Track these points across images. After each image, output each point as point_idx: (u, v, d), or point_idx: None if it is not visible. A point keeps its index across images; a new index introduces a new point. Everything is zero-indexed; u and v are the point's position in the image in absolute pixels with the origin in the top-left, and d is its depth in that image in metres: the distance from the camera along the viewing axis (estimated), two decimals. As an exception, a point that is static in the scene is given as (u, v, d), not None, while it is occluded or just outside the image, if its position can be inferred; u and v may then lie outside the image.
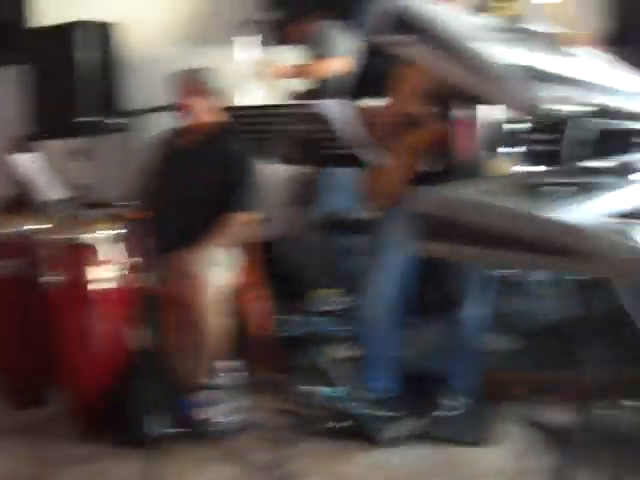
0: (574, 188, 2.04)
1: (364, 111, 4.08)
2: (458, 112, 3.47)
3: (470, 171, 3.97)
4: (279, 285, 6.52)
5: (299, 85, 6.69)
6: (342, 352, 5.04)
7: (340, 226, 6.20)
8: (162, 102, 5.49)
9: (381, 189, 4.06)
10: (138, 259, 4.33)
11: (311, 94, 6.65)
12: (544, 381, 4.40)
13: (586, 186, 2.10)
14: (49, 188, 5.47)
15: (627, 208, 1.88)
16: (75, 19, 6.94)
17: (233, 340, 4.81)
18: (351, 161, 3.99)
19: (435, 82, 3.24)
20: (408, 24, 2.02)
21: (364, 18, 7.00)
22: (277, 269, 7.11)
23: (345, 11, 7.07)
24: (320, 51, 6.41)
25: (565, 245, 1.57)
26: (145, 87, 6.06)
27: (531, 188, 2.00)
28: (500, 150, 5.32)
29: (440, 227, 1.76)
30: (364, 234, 5.33)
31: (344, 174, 6.12)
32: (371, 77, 3.27)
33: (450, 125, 3.69)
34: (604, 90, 2.52)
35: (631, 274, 1.54)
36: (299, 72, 6.61)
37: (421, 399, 4.54)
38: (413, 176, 3.92)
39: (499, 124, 3.44)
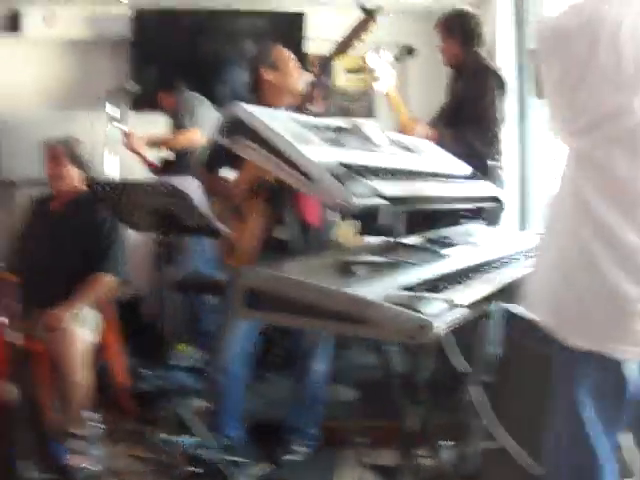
0: (383, 264, 2.46)
1: (217, 182, 4.37)
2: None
3: (317, 239, 4.29)
4: (141, 340, 6.77)
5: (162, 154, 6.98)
6: (198, 403, 5.24)
7: (199, 286, 6.49)
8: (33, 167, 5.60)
9: (234, 253, 4.22)
10: (9, 317, 4.32)
11: (170, 165, 6.96)
12: (377, 428, 4.70)
13: (394, 262, 2.52)
14: None
15: (426, 279, 2.28)
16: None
17: (96, 392, 4.96)
18: (207, 231, 4.17)
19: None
20: (241, 128, 2.40)
21: (224, 90, 7.40)
22: (139, 325, 7.37)
23: (208, 83, 7.46)
24: (182, 121, 6.72)
25: (359, 315, 1.96)
26: (18, 151, 6.11)
27: (346, 265, 2.33)
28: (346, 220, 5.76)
29: (264, 299, 2.13)
30: (220, 294, 5.57)
31: (204, 239, 6.45)
32: (224, 151, 3.54)
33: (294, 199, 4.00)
34: (423, 177, 2.95)
35: (413, 338, 1.93)
36: (160, 143, 6.90)
37: (271, 445, 4.74)
38: (263, 242, 4.10)
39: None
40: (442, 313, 1.96)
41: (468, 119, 5.14)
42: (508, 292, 2.68)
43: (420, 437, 3.28)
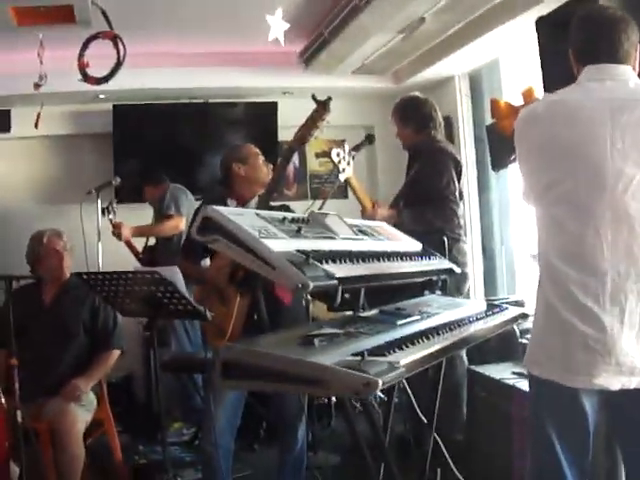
0: (339, 335, 2.86)
1: (196, 270, 4.70)
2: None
3: (291, 315, 4.58)
4: (134, 418, 7.08)
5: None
6: (189, 475, 5.54)
7: (187, 366, 6.69)
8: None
9: (219, 334, 4.36)
10: (13, 398, 4.46)
11: (153, 250, 7.31)
12: None
13: (349, 333, 2.92)
14: None
15: (375, 346, 2.67)
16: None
17: (92, 467, 5.24)
18: (191, 314, 4.44)
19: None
20: (212, 225, 2.81)
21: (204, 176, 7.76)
22: (133, 403, 7.68)
23: (187, 170, 7.83)
24: (167, 210, 7.07)
25: (316, 377, 2.36)
26: (9, 242, 6.36)
27: (307, 338, 2.73)
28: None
29: (239, 370, 2.51)
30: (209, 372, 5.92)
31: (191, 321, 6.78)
32: (199, 244, 3.83)
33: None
34: (377, 257, 3.33)
35: (359, 394, 2.32)
36: (147, 232, 7.27)
37: None
38: (244, 321, 4.30)
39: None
40: (383, 373, 2.34)
41: (426, 199, 5.46)
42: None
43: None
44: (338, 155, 5.04)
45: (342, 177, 5.09)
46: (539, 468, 2.91)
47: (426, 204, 5.47)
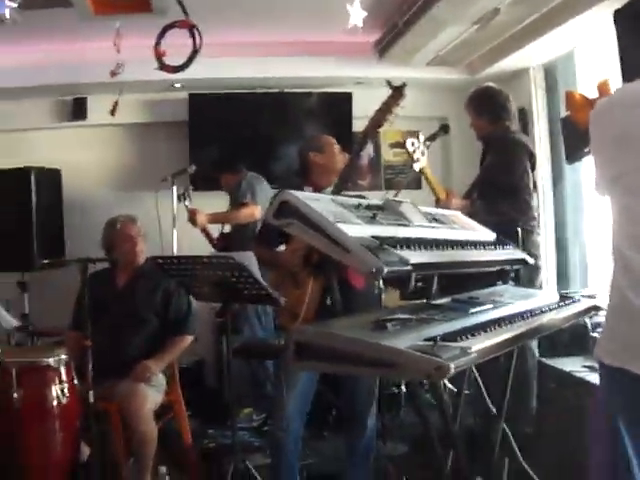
0: (412, 320, 2.88)
1: (271, 255, 4.70)
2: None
3: (363, 302, 4.59)
4: (205, 403, 7.15)
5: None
6: (257, 460, 5.55)
7: (258, 352, 6.77)
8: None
9: (293, 318, 4.42)
10: (87, 378, 4.57)
11: (228, 237, 7.38)
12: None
13: (421, 319, 2.94)
14: (3, 317, 5.93)
15: (447, 332, 2.68)
16: (25, 164, 7.53)
17: (163, 449, 5.30)
18: (264, 299, 4.50)
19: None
20: (289, 210, 2.85)
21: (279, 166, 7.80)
22: (203, 389, 7.76)
23: (263, 160, 7.86)
24: (243, 198, 7.10)
25: (389, 360, 2.38)
26: (86, 228, 6.46)
27: (380, 322, 2.75)
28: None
29: (312, 352, 2.55)
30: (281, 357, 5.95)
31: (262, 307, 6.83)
32: (275, 229, 3.88)
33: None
34: (450, 245, 3.35)
35: (430, 378, 2.35)
36: (223, 219, 7.34)
37: None
38: (318, 307, 4.38)
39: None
40: (455, 357, 2.36)
41: (500, 190, 5.46)
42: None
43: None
44: (413, 145, 5.05)
45: (416, 167, 5.11)
46: (606, 461, 2.88)
47: (500, 195, 5.46)
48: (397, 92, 4.38)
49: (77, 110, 8.32)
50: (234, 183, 7.39)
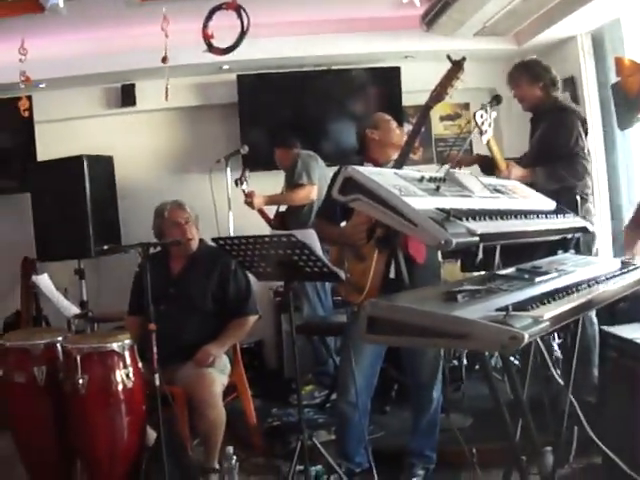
0: (481, 291, 2.88)
1: (333, 230, 4.69)
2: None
3: (424, 276, 4.57)
4: (267, 382, 7.21)
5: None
6: (322, 436, 5.58)
7: (320, 329, 6.89)
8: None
9: (356, 292, 4.50)
10: (151, 362, 4.61)
11: (283, 217, 7.37)
12: (490, 451, 4.91)
13: (490, 290, 2.94)
14: (64, 305, 6.01)
15: (517, 301, 2.67)
16: (77, 153, 7.64)
17: (228, 430, 5.32)
18: (326, 276, 4.46)
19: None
20: (354, 185, 2.86)
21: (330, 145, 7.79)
22: (264, 368, 7.82)
23: (313, 139, 7.86)
24: (299, 179, 7.13)
25: (462, 331, 2.38)
26: (140, 213, 6.51)
27: (450, 294, 2.76)
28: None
29: (383, 325, 2.56)
30: (340, 335, 5.95)
31: (322, 285, 6.85)
32: (337, 205, 3.89)
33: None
34: (513, 215, 3.34)
35: (505, 348, 2.34)
36: (280, 200, 7.34)
37: (394, 471, 5.07)
38: (382, 280, 4.42)
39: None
40: (529, 327, 2.36)
41: (557, 156, 5.48)
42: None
43: (526, 449, 3.51)
44: (481, 117, 5.05)
45: (484, 139, 5.10)
46: None
47: (559, 161, 5.48)
48: (457, 66, 4.46)
49: (126, 97, 8.39)
50: (289, 161, 7.40)
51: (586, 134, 5.66)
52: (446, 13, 6.93)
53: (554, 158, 5.48)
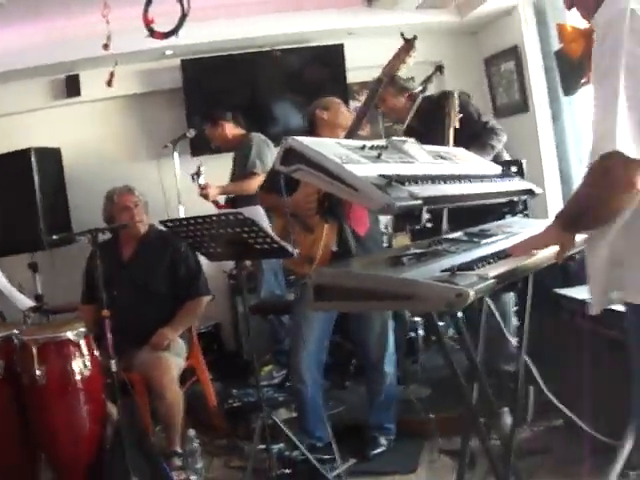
0: (427, 254, 2.90)
1: (278, 202, 4.50)
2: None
3: (367, 247, 4.71)
4: (226, 365, 7.21)
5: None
6: (283, 414, 5.62)
7: (275, 308, 6.88)
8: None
9: (307, 263, 4.55)
10: (106, 349, 4.60)
11: (234, 202, 7.25)
12: (449, 419, 5.04)
13: (436, 252, 2.97)
14: (19, 298, 5.96)
15: (463, 262, 2.69)
16: (24, 146, 7.54)
17: (190, 413, 5.39)
18: (276, 252, 4.46)
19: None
20: (295, 156, 2.86)
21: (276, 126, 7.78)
22: (222, 351, 7.82)
23: (259, 121, 7.83)
24: (252, 166, 7.03)
25: (408, 293, 2.39)
26: (91, 203, 6.46)
27: (395, 258, 2.77)
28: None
29: (333, 290, 2.58)
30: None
31: (273, 264, 6.85)
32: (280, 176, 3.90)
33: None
34: (457, 180, 3.35)
35: (452, 306, 2.34)
36: (233, 191, 7.21)
37: (356, 444, 5.15)
38: (329, 252, 4.49)
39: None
40: (474, 284, 2.38)
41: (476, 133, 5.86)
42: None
43: (483, 411, 3.58)
44: None
45: None
46: None
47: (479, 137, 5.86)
48: (408, 44, 4.49)
49: (71, 87, 8.26)
50: (237, 140, 7.37)
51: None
52: (387, -13, 6.94)
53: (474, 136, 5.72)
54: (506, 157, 6.14)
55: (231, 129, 7.42)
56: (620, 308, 2.85)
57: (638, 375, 2.76)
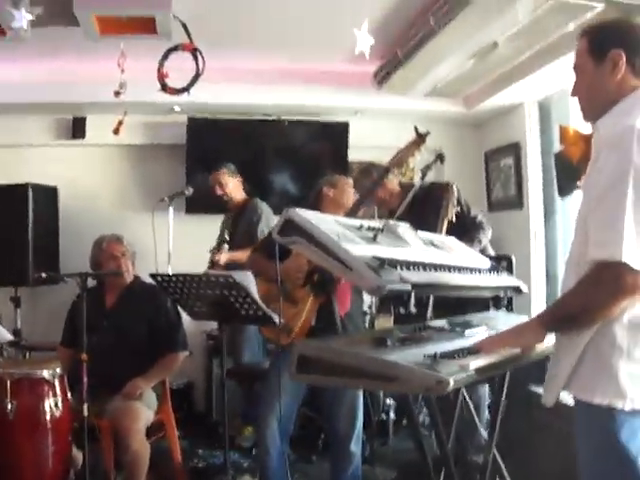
0: (411, 339, 2.96)
1: (269, 267, 4.43)
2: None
3: (346, 326, 4.64)
4: (195, 424, 7.19)
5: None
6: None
7: (250, 375, 6.85)
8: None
9: (287, 334, 4.58)
10: (80, 392, 4.63)
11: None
12: None
13: (420, 338, 3.02)
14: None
15: (446, 350, 2.74)
16: (23, 180, 7.64)
17: (153, 468, 5.29)
18: (259, 319, 4.55)
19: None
20: (294, 227, 2.92)
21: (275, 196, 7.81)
22: (192, 410, 7.80)
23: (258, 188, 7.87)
24: (260, 235, 7.00)
25: (390, 374, 2.44)
26: (81, 246, 6.47)
27: (380, 339, 2.83)
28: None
29: (317, 363, 2.62)
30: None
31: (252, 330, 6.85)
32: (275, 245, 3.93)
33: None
34: (447, 269, 3.41)
35: (430, 391, 2.41)
36: (237, 259, 6.99)
37: None
38: (308, 325, 4.56)
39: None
40: (455, 373, 2.43)
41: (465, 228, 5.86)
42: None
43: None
44: None
45: None
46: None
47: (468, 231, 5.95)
48: (421, 138, 4.61)
49: (77, 129, 8.38)
50: (242, 200, 7.42)
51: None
52: (398, 72, 7.03)
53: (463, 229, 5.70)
54: (491, 252, 6.20)
55: (239, 187, 7.45)
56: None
57: (583, 469, 2.80)
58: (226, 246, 6.95)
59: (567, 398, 2.91)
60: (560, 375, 2.80)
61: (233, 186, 7.40)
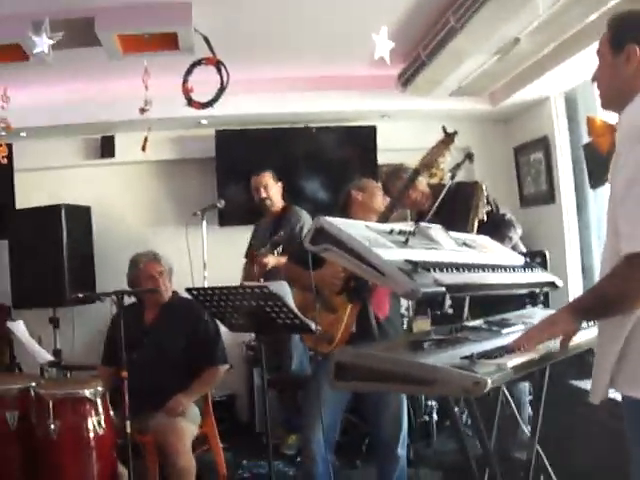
0: (448, 340, 2.96)
1: (304, 276, 4.42)
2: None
3: (387, 330, 4.67)
4: (238, 435, 7.20)
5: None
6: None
7: (294, 384, 6.88)
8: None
9: (327, 342, 4.56)
10: (122, 410, 4.68)
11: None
12: None
13: (457, 339, 3.02)
14: (38, 351, 6.02)
15: (483, 350, 2.73)
16: (56, 202, 7.71)
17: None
18: (298, 328, 4.50)
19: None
20: (325, 235, 2.93)
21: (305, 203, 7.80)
22: (235, 421, 7.81)
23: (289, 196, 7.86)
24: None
25: (428, 377, 2.44)
26: (116, 264, 6.52)
27: (417, 343, 2.84)
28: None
29: (354, 370, 2.63)
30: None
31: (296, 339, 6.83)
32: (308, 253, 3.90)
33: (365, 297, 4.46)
34: (481, 268, 3.41)
35: (469, 393, 2.40)
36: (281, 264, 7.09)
37: None
38: (348, 333, 4.51)
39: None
40: (492, 373, 2.43)
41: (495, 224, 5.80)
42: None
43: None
44: None
45: None
46: None
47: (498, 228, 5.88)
48: (449, 138, 4.60)
49: (105, 148, 8.46)
50: (281, 207, 7.39)
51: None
52: (422, 74, 7.03)
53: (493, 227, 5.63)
54: (522, 249, 6.16)
55: (280, 193, 7.45)
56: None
57: (635, 468, 2.78)
58: (280, 248, 6.82)
59: (614, 393, 2.90)
60: (604, 373, 2.78)
61: (276, 190, 7.40)
